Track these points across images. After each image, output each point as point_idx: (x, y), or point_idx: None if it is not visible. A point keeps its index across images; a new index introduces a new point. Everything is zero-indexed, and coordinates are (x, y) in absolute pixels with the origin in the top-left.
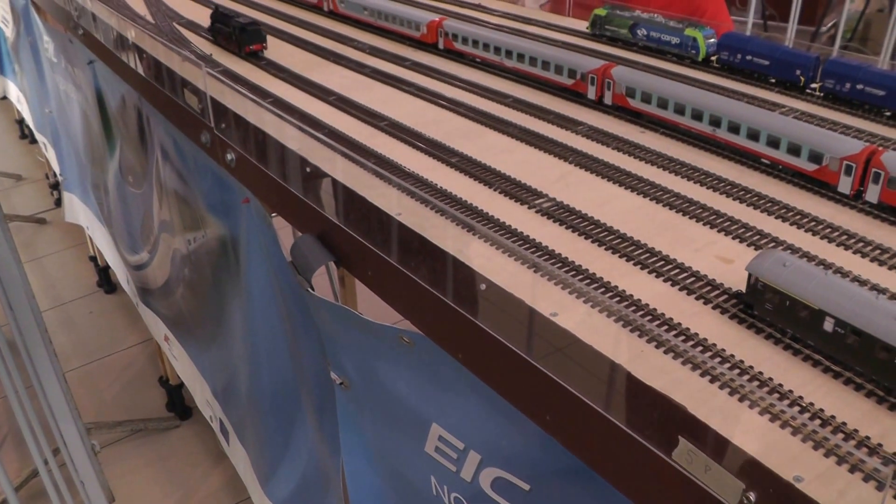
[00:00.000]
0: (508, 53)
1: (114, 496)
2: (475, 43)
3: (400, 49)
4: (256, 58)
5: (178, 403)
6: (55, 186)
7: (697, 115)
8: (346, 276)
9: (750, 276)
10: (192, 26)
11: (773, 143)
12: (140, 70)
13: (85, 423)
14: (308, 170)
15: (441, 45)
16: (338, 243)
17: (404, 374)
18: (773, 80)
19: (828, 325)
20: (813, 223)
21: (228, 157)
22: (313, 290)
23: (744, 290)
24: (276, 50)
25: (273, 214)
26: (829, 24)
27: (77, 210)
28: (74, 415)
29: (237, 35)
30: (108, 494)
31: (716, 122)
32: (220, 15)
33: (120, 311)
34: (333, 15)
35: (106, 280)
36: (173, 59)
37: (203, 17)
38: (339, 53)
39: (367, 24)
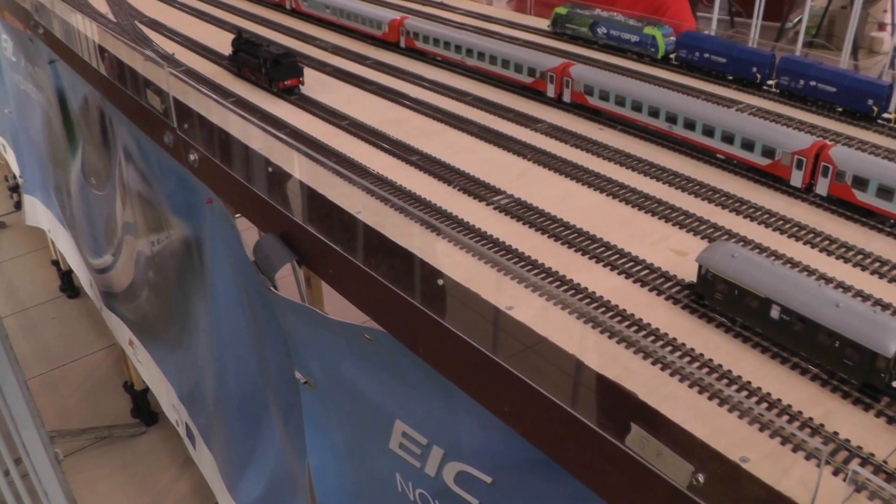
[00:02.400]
0: (469, 52)
1: None
2: (436, 42)
3: (362, 48)
4: (291, 94)
5: (144, 409)
6: (15, 189)
7: (654, 112)
8: (313, 277)
9: (700, 267)
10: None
11: (728, 138)
12: (102, 70)
13: (48, 430)
14: (270, 169)
15: (403, 44)
16: (300, 242)
17: (368, 372)
18: (731, 78)
19: (774, 313)
20: (766, 216)
21: (191, 157)
22: (276, 289)
23: (695, 282)
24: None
25: (237, 215)
26: (795, 21)
27: (38, 213)
28: (37, 422)
29: (268, 68)
30: None
31: (672, 119)
32: (244, 43)
33: (83, 316)
34: (296, 13)
35: (69, 284)
36: (135, 59)
37: (172, 16)
38: (302, 52)
39: (330, 22)
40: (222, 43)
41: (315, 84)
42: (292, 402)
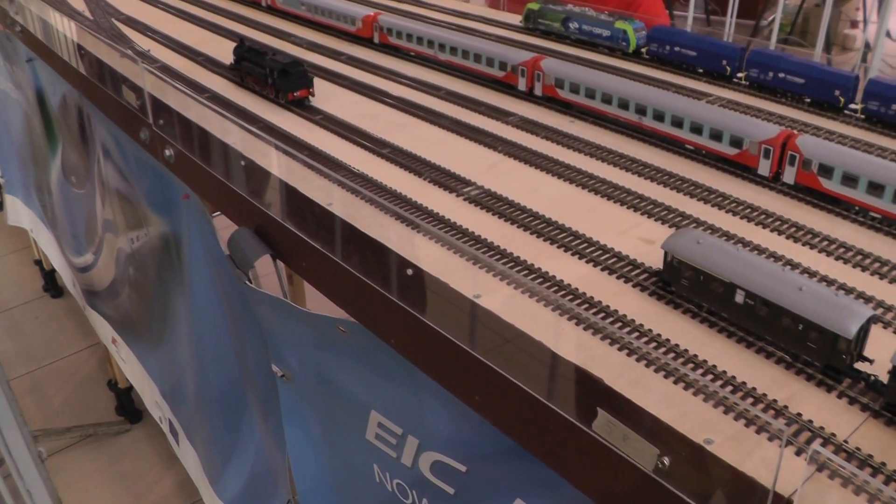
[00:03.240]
0: (441, 47)
1: None
2: (409, 37)
3: (337, 44)
4: (301, 107)
5: (128, 407)
6: None
7: (624, 105)
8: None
9: (666, 254)
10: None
11: (697, 129)
12: (80, 67)
13: (32, 430)
14: (243, 163)
15: (376, 40)
16: (274, 236)
17: (343, 364)
18: (701, 71)
19: (739, 298)
20: (734, 204)
21: (167, 153)
22: (251, 282)
23: (661, 269)
24: (214, 45)
25: (216, 213)
26: (770, 19)
27: (20, 213)
28: (19, 422)
29: (276, 78)
30: (56, 502)
31: (642, 111)
32: (247, 51)
33: (67, 316)
34: (272, 10)
35: (52, 284)
36: (112, 56)
37: (148, 13)
38: (277, 49)
39: (305, 19)
40: (198, 40)
41: None
42: (270, 395)
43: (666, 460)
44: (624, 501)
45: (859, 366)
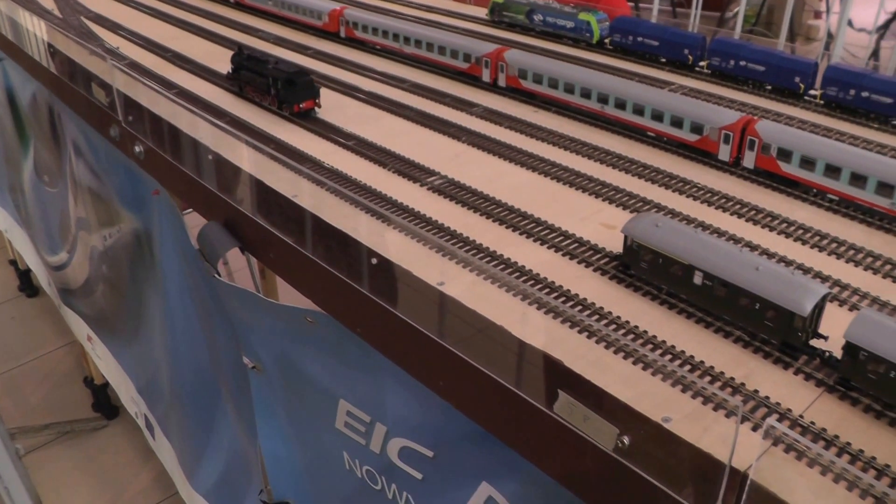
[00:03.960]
0: (406, 40)
1: (41, 500)
2: (375, 31)
3: (304, 38)
4: (307, 118)
5: (105, 403)
6: None
7: (586, 94)
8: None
9: (626, 237)
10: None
11: (658, 116)
12: (49, 66)
13: (10, 428)
14: (210, 157)
15: (343, 34)
16: (242, 228)
17: (311, 354)
18: (664, 60)
19: (697, 279)
20: (695, 189)
21: (137, 149)
22: (220, 275)
23: (622, 252)
24: (182, 41)
25: (188, 211)
26: (735, 11)
27: None
28: None
29: (279, 89)
30: (35, 499)
31: (603, 100)
32: (247, 59)
33: (43, 315)
34: (239, 6)
35: (27, 283)
36: (81, 54)
37: (117, 11)
38: (245, 44)
39: (272, 14)
40: (167, 36)
41: None
42: (242, 387)
43: (626, 439)
44: (586, 481)
45: (815, 343)
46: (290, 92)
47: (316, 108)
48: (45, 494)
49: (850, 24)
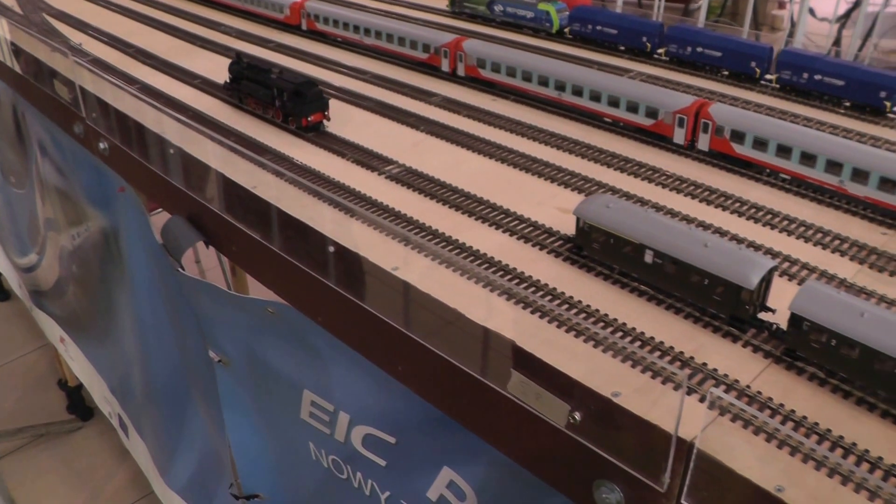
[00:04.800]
0: (367, 31)
1: None
2: (336, 23)
3: (266, 31)
4: (315, 132)
5: (79, 404)
6: None
7: (544, 82)
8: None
9: (578, 219)
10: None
11: (614, 102)
12: (13, 64)
13: None
14: (173, 152)
15: (304, 27)
16: (205, 222)
17: (275, 346)
18: (623, 48)
19: (648, 258)
20: (650, 172)
21: (101, 146)
22: (184, 269)
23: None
24: (146, 36)
25: (158, 210)
26: (699, 3)
27: None
28: None
29: (286, 101)
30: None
31: (561, 87)
32: (247, 68)
33: (15, 318)
34: (203, 0)
35: None
36: (44, 51)
37: (79, 7)
38: (207, 38)
39: (234, 7)
40: (128, 32)
41: (217, 68)
42: (210, 381)
43: (577, 415)
44: (542, 459)
45: (763, 316)
46: (297, 104)
47: (325, 122)
48: (20, 498)
49: (812, 13)
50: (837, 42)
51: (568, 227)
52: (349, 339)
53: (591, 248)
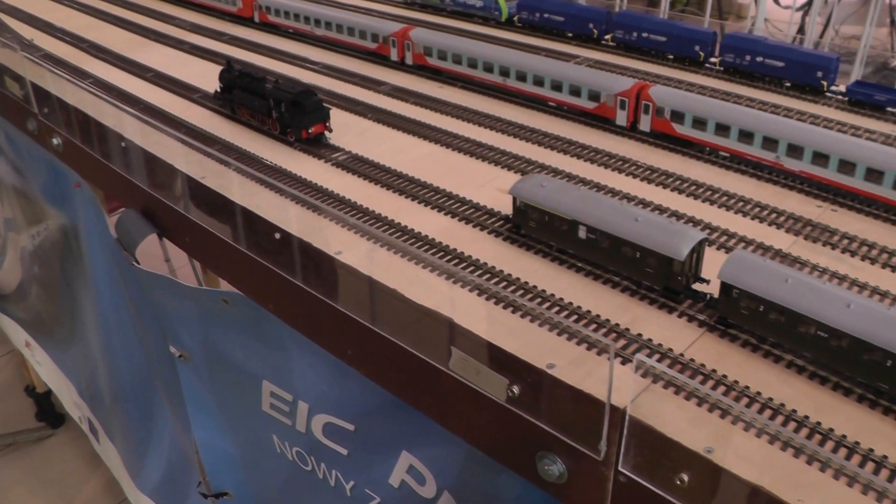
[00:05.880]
0: (317, 22)
1: None
2: (287, 14)
3: (220, 25)
4: (316, 145)
5: (49, 411)
6: None
7: (489, 68)
8: None
9: (514, 199)
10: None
11: (557, 86)
12: None
13: None
14: (124, 145)
15: (257, 19)
16: (159, 214)
17: (233, 338)
18: (570, 35)
19: (582, 233)
20: (593, 153)
21: (55, 141)
22: (139, 263)
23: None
24: (98, 31)
25: (121, 210)
26: None
27: None
28: None
29: (283, 112)
30: None
31: (505, 73)
32: (240, 76)
33: None
34: None
35: None
36: None
37: (30, 1)
38: (161, 32)
39: (189, 1)
40: (82, 26)
41: (170, 61)
42: (173, 379)
43: (515, 388)
44: (487, 435)
45: (698, 287)
46: (296, 115)
47: (326, 133)
48: None
49: (776, 1)
50: (801, 30)
51: (508, 207)
52: (300, 326)
53: (528, 226)
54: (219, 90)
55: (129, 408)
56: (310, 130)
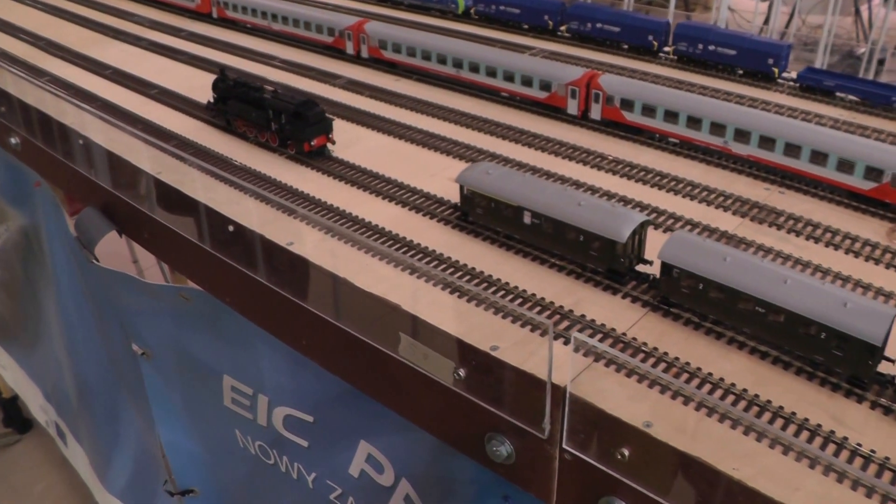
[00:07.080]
0: (275, 17)
1: None
2: (244, 9)
3: (178, 21)
4: (320, 157)
5: (16, 417)
6: None
7: (442, 60)
8: None
9: (461, 187)
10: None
11: (509, 77)
12: None
13: None
14: (82, 142)
15: (215, 14)
16: (118, 211)
17: (193, 333)
18: (526, 27)
19: (527, 219)
20: (544, 142)
21: (13, 141)
22: (98, 261)
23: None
24: (56, 28)
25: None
26: None
27: None
28: None
29: (286, 124)
30: None
31: (458, 64)
32: (236, 86)
33: None
34: None
35: None
36: None
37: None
38: (119, 28)
39: None
40: (38, 24)
41: (128, 58)
42: (136, 377)
43: (461, 371)
44: (437, 419)
45: (641, 268)
46: (297, 127)
47: (329, 146)
48: None
49: None
50: (767, 20)
51: (457, 196)
52: (256, 317)
53: (475, 213)
54: (212, 101)
55: (96, 408)
56: (312, 143)
